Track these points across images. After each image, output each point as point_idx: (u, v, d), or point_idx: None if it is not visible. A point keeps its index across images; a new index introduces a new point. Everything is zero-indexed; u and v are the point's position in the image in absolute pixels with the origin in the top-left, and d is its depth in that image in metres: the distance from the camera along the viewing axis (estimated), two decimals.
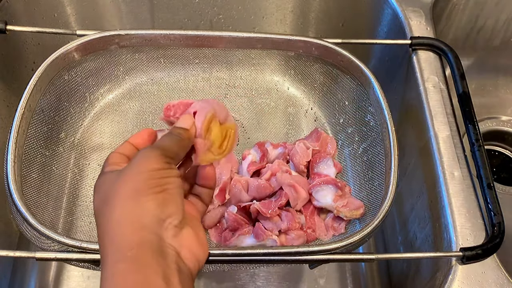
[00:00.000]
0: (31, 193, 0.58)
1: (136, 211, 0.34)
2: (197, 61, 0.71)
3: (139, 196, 0.35)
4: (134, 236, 0.34)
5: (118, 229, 0.34)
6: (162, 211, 0.35)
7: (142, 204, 0.35)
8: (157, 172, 0.36)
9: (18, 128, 0.56)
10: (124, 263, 0.33)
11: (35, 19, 0.76)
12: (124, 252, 0.33)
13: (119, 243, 0.34)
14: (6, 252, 0.51)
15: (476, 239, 0.57)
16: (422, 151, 0.68)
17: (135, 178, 0.36)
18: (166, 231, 0.35)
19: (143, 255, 0.33)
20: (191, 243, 0.36)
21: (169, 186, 0.36)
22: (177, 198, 0.36)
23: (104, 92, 0.73)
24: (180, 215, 0.36)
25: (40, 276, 0.77)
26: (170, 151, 0.38)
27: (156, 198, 0.35)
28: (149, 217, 0.34)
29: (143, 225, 0.34)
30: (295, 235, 0.61)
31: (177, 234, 0.35)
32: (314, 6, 0.88)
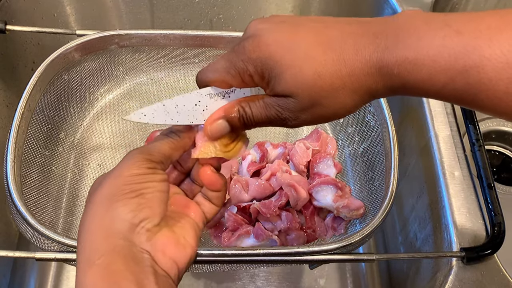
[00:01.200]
0: (30, 193, 0.58)
1: (107, 217, 0.34)
2: (197, 61, 0.71)
3: (112, 202, 0.34)
4: (103, 243, 0.33)
5: (89, 236, 0.34)
6: (134, 216, 0.34)
7: (114, 210, 0.34)
8: (135, 177, 0.35)
9: (18, 128, 0.56)
10: (93, 271, 0.32)
11: (35, 19, 0.76)
12: (93, 260, 0.32)
13: (89, 251, 0.33)
14: (6, 252, 0.51)
15: (476, 239, 0.57)
16: (422, 151, 0.67)
17: (111, 183, 0.35)
18: (139, 235, 0.34)
19: (113, 262, 0.32)
20: (166, 245, 0.35)
21: (146, 191, 0.35)
22: (153, 202, 0.35)
23: (104, 92, 0.73)
24: (155, 218, 0.35)
25: (40, 276, 0.77)
26: (159, 154, 0.37)
27: (128, 203, 0.34)
28: (120, 222, 0.33)
29: (113, 232, 0.33)
30: (295, 235, 0.61)
31: (150, 238, 0.34)
32: (314, 6, 0.88)
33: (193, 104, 0.38)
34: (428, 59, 0.31)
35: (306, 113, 0.35)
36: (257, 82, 0.35)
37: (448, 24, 0.31)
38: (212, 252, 0.51)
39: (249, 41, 0.34)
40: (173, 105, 0.38)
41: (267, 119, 0.36)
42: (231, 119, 0.37)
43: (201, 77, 0.38)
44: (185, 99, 0.38)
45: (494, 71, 0.30)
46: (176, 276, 0.35)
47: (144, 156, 0.36)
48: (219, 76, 0.36)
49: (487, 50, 0.30)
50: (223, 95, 0.38)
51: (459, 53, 0.30)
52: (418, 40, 0.31)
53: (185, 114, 0.38)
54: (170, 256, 0.35)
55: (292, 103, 0.34)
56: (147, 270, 0.33)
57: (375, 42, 0.32)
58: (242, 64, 0.35)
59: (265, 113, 0.36)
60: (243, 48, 0.35)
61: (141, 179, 0.35)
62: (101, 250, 0.33)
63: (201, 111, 0.38)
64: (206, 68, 0.38)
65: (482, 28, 0.31)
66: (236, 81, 0.36)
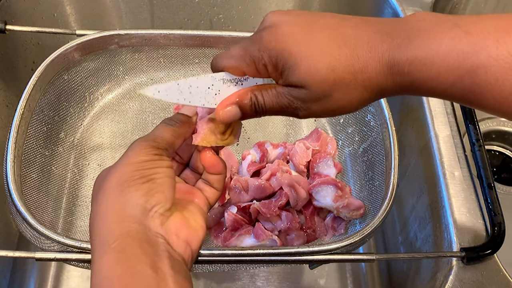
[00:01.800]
0: (30, 193, 0.58)
1: (120, 202, 0.34)
2: (197, 61, 0.71)
3: (123, 188, 0.35)
4: (118, 227, 0.34)
5: (103, 222, 0.34)
6: (146, 201, 0.35)
7: (126, 195, 0.34)
8: (144, 164, 0.36)
9: (18, 128, 0.56)
10: (109, 255, 0.33)
11: (35, 18, 0.76)
12: (109, 244, 0.33)
13: (104, 236, 0.34)
14: (5, 252, 0.51)
15: (476, 239, 0.57)
16: (423, 151, 0.67)
17: (121, 170, 0.36)
18: (152, 219, 0.35)
19: (128, 245, 0.33)
20: (179, 228, 0.36)
21: (156, 176, 0.36)
22: (164, 187, 0.36)
23: (104, 92, 0.73)
24: (167, 203, 0.36)
25: (39, 276, 0.77)
26: (163, 141, 0.38)
27: (140, 188, 0.35)
28: (133, 207, 0.34)
29: (126, 216, 0.34)
30: (295, 235, 0.61)
31: (163, 222, 0.35)
32: (314, 6, 0.88)
33: (206, 87, 0.39)
34: (438, 58, 0.32)
35: (316, 105, 0.36)
36: (271, 72, 0.36)
37: (457, 24, 0.32)
38: (212, 252, 0.51)
39: (266, 31, 0.36)
40: (186, 86, 0.39)
41: (278, 107, 0.37)
42: (243, 105, 0.38)
43: (216, 62, 0.39)
44: (199, 81, 0.39)
45: (500, 72, 0.31)
46: (190, 258, 0.36)
47: (150, 143, 0.37)
48: (234, 63, 0.37)
49: (494, 51, 0.31)
50: (235, 82, 0.39)
51: (467, 53, 0.31)
52: (428, 40, 0.32)
53: (197, 95, 0.39)
54: (183, 238, 0.36)
55: (304, 94, 0.35)
56: (162, 254, 0.34)
57: (387, 40, 0.33)
58: (258, 53, 0.36)
59: (277, 102, 0.37)
60: (260, 38, 0.36)
61: (149, 165, 0.36)
62: (115, 234, 0.33)
63: (213, 95, 0.39)
64: (222, 54, 0.39)
65: (490, 29, 0.32)
66: (250, 69, 0.37)
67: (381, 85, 0.34)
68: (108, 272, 0.32)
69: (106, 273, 0.32)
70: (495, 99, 0.32)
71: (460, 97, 0.33)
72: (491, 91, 0.32)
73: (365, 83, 0.34)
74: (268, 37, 0.35)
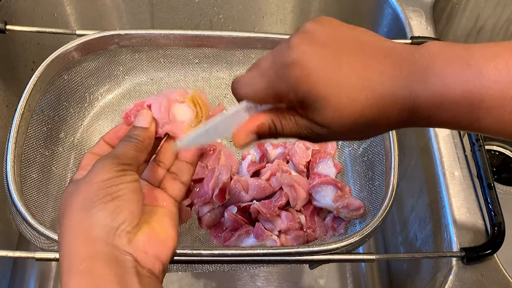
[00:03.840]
0: (30, 193, 0.58)
1: (86, 223, 0.34)
2: (197, 61, 0.71)
3: (88, 208, 0.35)
4: (85, 248, 0.34)
5: (71, 243, 0.34)
6: (113, 219, 0.35)
7: (92, 216, 0.34)
8: (107, 182, 0.36)
9: (18, 128, 0.56)
10: (77, 277, 0.33)
11: (35, 19, 0.76)
12: (76, 266, 0.33)
13: (71, 258, 0.34)
14: (6, 252, 0.51)
15: (476, 239, 0.57)
16: (423, 151, 0.67)
17: (86, 190, 0.36)
18: (120, 238, 0.35)
19: (96, 266, 0.33)
20: (147, 244, 0.36)
21: (120, 193, 0.36)
22: (130, 203, 0.36)
23: (104, 92, 0.73)
24: (134, 219, 0.36)
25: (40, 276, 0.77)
26: (124, 157, 0.38)
27: (105, 207, 0.35)
28: (100, 227, 0.34)
29: (93, 237, 0.34)
30: (295, 235, 0.61)
31: (131, 240, 0.35)
32: (314, 6, 0.88)
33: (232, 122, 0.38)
34: (453, 103, 0.34)
35: (332, 139, 0.37)
36: (295, 107, 0.36)
37: (469, 63, 0.33)
38: (212, 252, 0.51)
39: (293, 70, 0.34)
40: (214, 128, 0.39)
41: (296, 135, 0.37)
42: (262, 132, 0.38)
43: (240, 92, 0.38)
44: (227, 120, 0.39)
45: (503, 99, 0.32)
46: (161, 270, 0.37)
47: (112, 160, 0.37)
48: (258, 96, 0.37)
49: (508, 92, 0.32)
50: (256, 109, 0.38)
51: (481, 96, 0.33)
52: (443, 86, 0.34)
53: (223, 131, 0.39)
54: (152, 254, 0.36)
55: (324, 131, 0.36)
56: (130, 271, 0.34)
57: (407, 87, 0.34)
58: (285, 91, 0.35)
59: (296, 131, 0.37)
60: (287, 76, 0.35)
61: (113, 182, 0.36)
62: (82, 256, 0.33)
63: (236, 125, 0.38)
64: (244, 81, 0.37)
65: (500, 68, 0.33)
66: (274, 102, 0.37)
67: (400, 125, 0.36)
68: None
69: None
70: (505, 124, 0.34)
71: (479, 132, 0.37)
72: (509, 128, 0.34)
73: (384, 125, 0.36)
74: (295, 76, 0.34)
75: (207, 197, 0.61)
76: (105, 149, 0.42)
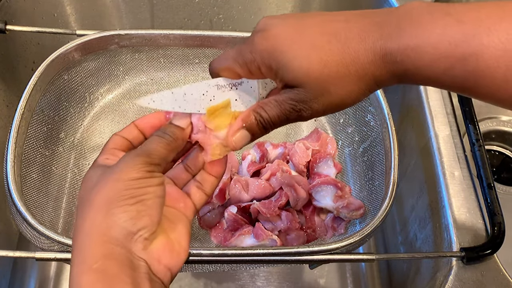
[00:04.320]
0: (31, 193, 0.58)
1: (106, 223, 0.34)
2: (197, 61, 0.71)
3: (111, 207, 0.34)
4: (101, 248, 0.33)
5: (86, 240, 0.34)
6: (133, 224, 0.34)
7: (113, 216, 0.34)
8: (135, 182, 0.35)
9: (18, 128, 0.56)
10: (90, 275, 0.32)
11: (35, 19, 0.76)
12: (90, 264, 0.33)
13: (86, 254, 0.33)
14: (6, 252, 0.51)
15: (476, 239, 0.57)
16: (423, 151, 0.67)
17: (111, 187, 0.35)
18: (136, 243, 0.34)
19: (110, 267, 0.33)
20: (161, 254, 0.36)
21: (146, 197, 0.35)
22: (152, 210, 0.35)
23: (104, 92, 0.73)
24: (153, 227, 0.35)
25: (40, 276, 0.77)
26: (156, 156, 0.37)
27: (128, 210, 0.34)
28: (118, 229, 0.34)
29: (111, 238, 0.33)
30: (295, 235, 0.61)
31: (146, 247, 0.35)
32: (314, 6, 0.88)
33: (200, 94, 0.39)
34: (429, 46, 0.32)
35: (317, 102, 0.36)
36: (265, 73, 0.37)
37: (449, 13, 0.32)
38: (212, 252, 0.51)
39: (257, 34, 0.36)
40: (181, 94, 0.39)
41: (283, 116, 0.37)
42: (250, 126, 0.38)
43: (213, 65, 0.39)
44: (193, 88, 0.39)
45: (492, 59, 0.31)
46: (169, 282, 0.36)
47: (143, 159, 0.36)
48: (228, 65, 0.38)
49: (485, 39, 0.31)
50: (230, 87, 0.39)
51: (459, 41, 0.32)
52: (420, 28, 0.33)
53: (192, 102, 0.39)
54: (165, 264, 0.36)
55: (303, 93, 0.35)
56: (143, 276, 0.34)
57: (378, 31, 0.34)
58: (250, 55, 0.36)
59: (280, 110, 0.37)
60: (252, 41, 0.36)
61: (140, 183, 0.35)
62: (98, 255, 0.33)
63: (207, 101, 0.39)
64: (218, 57, 0.39)
65: (482, 17, 0.32)
66: (244, 71, 0.37)
67: (376, 75, 0.35)
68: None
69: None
70: (488, 87, 0.32)
71: (453, 85, 0.33)
72: (483, 79, 0.32)
73: (359, 74, 0.34)
74: (259, 39, 0.36)
75: None
76: (135, 134, 0.41)
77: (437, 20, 0.32)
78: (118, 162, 0.36)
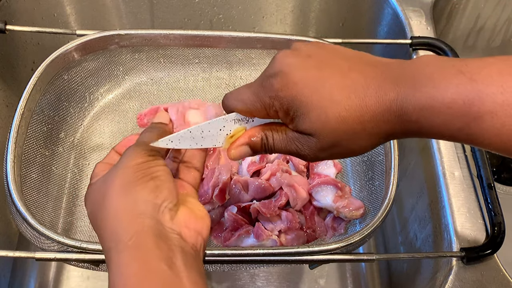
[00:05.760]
0: (30, 193, 0.58)
1: (130, 201, 0.35)
2: (197, 61, 0.71)
3: (129, 188, 0.36)
4: (132, 224, 0.34)
5: (116, 222, 0.35)
6: (156, 196, 0.36)
7: (135, 193, 0.35)
8: (143, 164, 0.37)
9: (18, 128, 0.56)
10: (126, 252, 0.34)
11: (35, 18, 0.76)
12: (125, 242, 0.34)
13: (119, 234, 0.34)
14: (5, 252, 0.51)
15: (476, 239, 0.57)
16: (423, 151, 0.67)
17: (122, 174, 0.37)
18: (163, 215, 0.36)
19: (144, 241, 0.34)
20: (188, 220, 0.37)
21: (158, 174, 0.37)
22: (168, 183, 0.37)
23: (104, 92, 0.73)
24: (174, 198, 0.37)
25: (40, 276, 0.77)
26: None
27: (147, 186, 0.36)
28: (144, 203, 0.35)
29: (139, 212, 0.35)
30: (295, 235, 0.61)
31: (173, 217, 0.36)
32: (314, 6, 0.88)
33: (218, 129, 0.40)
34: (444, 106, 0.33)
35: (324, 152, 0.37)
36: (281, 117, 0.37)
37: (461, 71, 0.33)
38: (212, 252, 0.51)
39: (276, 79, 0.36)
40: (199, 131, 0.40)
41: (286, 151, 0.38)
42: (254, 144, 0.39)
43: (228, 103, 0.40)
44: (211, 125, 0.40)
45: (507, 117, 0.32)
46: (202, 246, 0.38)
47: (143, 147, 0.39)
48: (246, 108, 0.38)
49: (499, 97, 0.32)
50: (246, 121, 0.40)
51: (473, 100, 0.32)
52: (434, 88, 0.33)
53: (209, 138, 0.40)
54: (194, 228, 0.37)
55: (313, 142, 0.36)
56: (175, 249, 0.35)
57: (395, 90, 0.34)
58: (269, 100, 0.36)
59: (286, 146, 0.38)
60: (270, 85, 0.36)
61: (148, 164, 0.37)
62: (130, 232, 0.34)
63: (224, 135, 0.40)
64: (233, 96, 0.39)
65: (493, 74, 0.32)
66: (261, 114, 0.38)
67: (390, 132, 0.35)
68: (125, 269, 0.33)
69: (123, 270, 0.33)
70: (503, 143, 0.33)
71: (469, 141, 0.34)
72: (498, 136, 0.32)
73: (374, 131, 0.35)
74: (278, 84, 0.36)
75: (207, 197, 0.61)
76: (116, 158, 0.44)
77: (450, 79, 0.33)
78: (121, 158, 0.39)
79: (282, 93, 0.35)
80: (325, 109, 0.34)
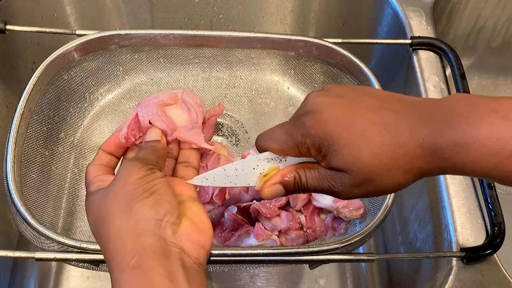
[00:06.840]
0: (30, 193, 0.58)
1: (132, 219, 0.36)
2: (197, 61, 0.71)
3: (131, 206, 0.36)
4: (134, 243, 0.35)
5: (118, 241, 0.36)
6: (156, 212, 0.36)
7: (135, 211, 0.36)
8: (141, 180, 0.38)
9: (18, 128, 0.56)
10: (128, 272, 0.34)
11: (35, 18, 0.76)
12: (127, 262, 0.34)
13: (121, 254, 0.35)
14: (5, 252, 0.51)
15: (476, 239, 0.57)
16: None
17: (122, 191, 0.37)
18: (165, 230, 0.36)
19: (146, 260, 0.34)
20: (190, 234, 0.37)
21: (156, 187, 0.38)
22: (168, 196, 0.38)
23: (104, 92, 0.73)
24: (174, 210, 0.37)
25: (40, 276, 0.77)
26: (150, 159, 0.41)
27: (147, 202, 0.36)
28: (146, 221, 0.36)
29: (141, 231, 0.35)
30: (295, 235, 0.61)
31: (175, 231, 0.37)
32: (314, 6, 0.88)
33: (251, 168, 0.40)
34: (477, 144, 0.33)
35: (358, 189, 0.36)
36: (314, 155, 0.37)
37: (495, 109, 0.33)
38: (212, 252, 0.51)
39: (308, 117, 0.36)
40: (233, 169, 0.40)
41: (320, 189, 0.38)
42: (287, 183, 0.39)
43: (261, 142, 0.40)
44: (245, 164, 0.40)
45: None
46: (205, 259, 0.38)
47: (140, 162, 0.39)
48: (278, 146, 0.38)
49: None
50: (279, 160, 0.40)
51: (507, 138, 0.32)
52: (468, 125, 0.33)
53: (243, 177, 0.40)
54: (196, 241, 0.37)
55: (347, 179, 0.36)
56: (177, 263, 0.35)
57: (427, 126, 0.34)
58: (301, 138, 0.37)
59: (319, 184, 0.38)
60: (302, 124, 0.37)
61: (146, 179, 0.38)
62: (132, 252, 0.35)
63: (258, 174, 0.40)
64: (267, 136, 0.40)
65: None
66: (294, 153, 0.38)
67: (423, 168, 0.35)
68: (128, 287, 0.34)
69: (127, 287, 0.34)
70: None
71: (504, 179, 0.34)
72: None
73: (407, 167, 0.35)
74: (310, 123, 0.36)
75: (207, 197, 0.61)
76: (106, 158, 0.45)
77: (484, 117, 0.33)
78: (118, 173, 0.39)
79: (313, 130, 0.36)
80: (357, 145, 0.34)
